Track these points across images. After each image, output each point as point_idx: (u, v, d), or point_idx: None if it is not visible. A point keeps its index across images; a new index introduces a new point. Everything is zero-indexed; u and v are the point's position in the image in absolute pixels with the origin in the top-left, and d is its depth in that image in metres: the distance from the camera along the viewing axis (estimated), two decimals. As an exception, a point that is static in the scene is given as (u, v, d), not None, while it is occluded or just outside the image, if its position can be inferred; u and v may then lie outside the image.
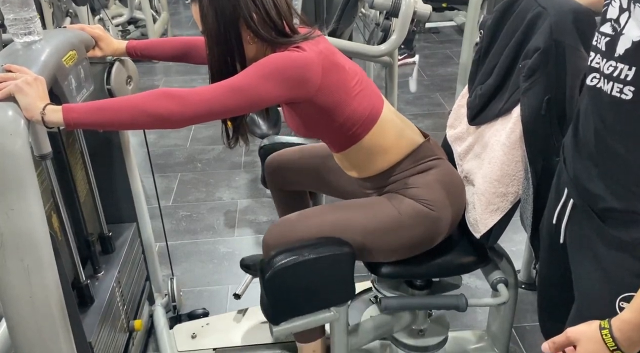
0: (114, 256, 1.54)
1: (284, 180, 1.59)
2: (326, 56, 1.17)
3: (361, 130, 1.24)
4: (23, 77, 0.98)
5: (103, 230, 1.53)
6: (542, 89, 1.14)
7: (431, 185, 1.27)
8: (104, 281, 1.44)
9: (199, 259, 2.28)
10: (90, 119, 1.01)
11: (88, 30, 1.33)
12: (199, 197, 2.72)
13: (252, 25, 1.15)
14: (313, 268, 1.23)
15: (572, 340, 0.84)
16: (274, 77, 1.09)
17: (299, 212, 1.34)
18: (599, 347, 0.80)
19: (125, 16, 4.64)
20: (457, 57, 4.59)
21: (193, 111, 1.04)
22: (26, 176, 0.96)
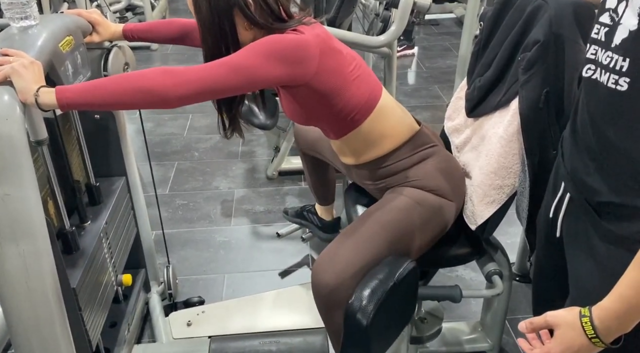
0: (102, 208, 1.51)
1: (306, 145, 1.69)
2: (323, 39, 1.16)
3: (360, 116, 1.24)
4: (19, 60, 0.97)
5: (90, 181, 1.49)
6: (541, 81, 1.14)
7: (432, 173, 1.27)
8: (91, 231, 1.40)
9: (195, 248, 2.28)
10: (84, 98, 1.00)
11: (85, 15, 1.32)
12: (196, 186, 2.72)
13: (248, 13, 1.15)
14: (395, 296, 1.17)
15: (551, 324, 0.84)
16: (272, 55, 1.09)
17: (336, 243, 1.26)
18: (578, 334, 0.80)
19: (122, 3, 4.60)
20: (456, 49, 4.57)
21: (188, 88, 1.02)
22: (22, 161, 0.95)
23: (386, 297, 1.13)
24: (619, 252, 0.87)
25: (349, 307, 1.15)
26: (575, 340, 0.81)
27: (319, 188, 1.85)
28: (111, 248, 1.46)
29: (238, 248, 2.27)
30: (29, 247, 0.99)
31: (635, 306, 0.77)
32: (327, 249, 1.26)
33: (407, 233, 1.26)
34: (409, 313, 1.27)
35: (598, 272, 0.91)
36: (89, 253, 1.31)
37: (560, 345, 0.82)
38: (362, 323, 1.12)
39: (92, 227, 1.40)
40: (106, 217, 1.44)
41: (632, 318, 0.78)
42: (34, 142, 1.07)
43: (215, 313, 1.82)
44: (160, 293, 1.90)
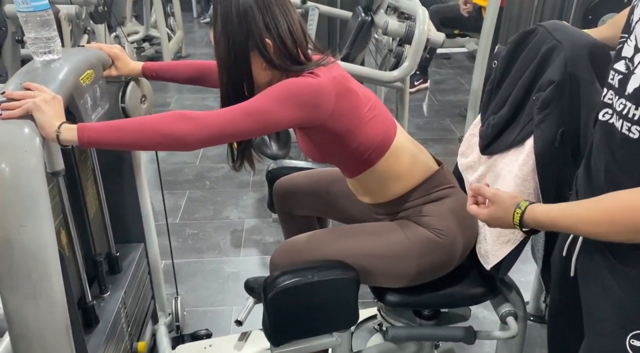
0: (120, 276, 1.53)
1: (292, 204, 1.59)
2: (339, 82, 1.18)
3: (375, 156, 1.24)
4: (41, 96, 0.99)
5: (111, 250, 1.53)
6: (556, 121, 1.13)
7: (444, 215, 1.26)
8: (110, 302, 1.44)
9: (204, 278, 2.26)
10: (104, 138, 1.02)
11: (106, 49, 1.35)
12: (206, 215, 2.72)
13: (266, 55, 1.16)
14: (316, 291, 1.22)
15: (492, 200, 1.01)
16: (288, 101, 1.10)
17: (307, 234, 1.34)
18: (506, 216, 0.97)
19: (140, 34, 4.71)
20: (468, 83, 4.60)
21: (207, 133, 1.05)
22: (39, 193, 0.96)
23: (302, 284, 1.19)
24: (634, 294, 0.86)
25: (267, 279, 1.25)
26: (502, 217, 0.98)
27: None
28: (128, 317, 1.48)
29: (247, 280, 2.25)
30: (41, 279, 0.98)
31: (556, 225, 0.91)
32: (293, 238, 1.36)
33: (379, 257, 1.27)
34: (343, 321, 1.30)
35: (613, 314, 0.90)
36: (108, 325, 1.34)
37: (488, 215, 1.01)
38: (267, 293, 1.21)
39: (112, 297, 1.44)
40: (125, 286, 1.48)
41: (549, 227, 0.94)
42: (50, 173, 1.08)
43: (223, 347, 1.79)
44: (168, 324, 1.88)
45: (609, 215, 0.81)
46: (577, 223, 0.86)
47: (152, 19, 4.76)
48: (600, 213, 0.82)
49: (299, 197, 1.56)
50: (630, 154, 0.83)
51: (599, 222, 0.82)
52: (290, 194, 1.57)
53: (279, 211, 1.63)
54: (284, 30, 1.16)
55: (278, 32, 1.15)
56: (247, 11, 1.13)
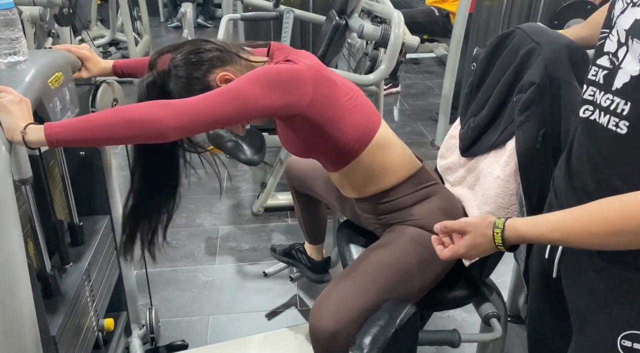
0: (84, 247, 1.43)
1: (299, 183, 1.65)
2: (317, 70, 1.16)
3: (358, 146, 1.22)
4: (8, 97, 0.93)
5: (73, 220, 1.43)
6: (537, 122, 1.14)
7: (434, 213, 1.25)
8: (73, 273, 1.32)
9: (178, 288, 2.20)
10: (74, 134, 0.96)
11: (74, 51, 1.29)
12: (179, 222, 2.65)
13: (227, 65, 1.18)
14: (397, 341, 1.16)
15: (465, 230, 0.96)
16: (267, 84, 1.08)
17: (334, 287, 1.23)
18: (486, 241, 0.93)
19: (107, 38, 4.60)
20: (438, 87, 4.66)
21: (183, 118, 0.99)
22: (6, 203, 0.91)
23: (388, 344, 1.09)
24: (623, 293, 0.85)
25: (351, 348, 1.12)
26: (482, 243, 0.94)
27: (310, 227, 1.81)
28: (93, 291, 1.39)
29: (223, 288, 2.20)
30: (7, 292, 0.92)
31: (545, 239, 0.88)
32: (325, 292, 1.22)
33: (408, 275, 1.23)
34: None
35: (602, 315, 0.89)
36: (70, 297, 1.24)
37: (467, 246, 0.95)
38: None
39: (74, 269, 1.33)
40: (89, 258, 1.37)
41: (536, 242, 0.94)
42: (17, 181, 1.02)
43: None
44: (142, 336, 1.81)
45: (608, 224, 0.78)
46: (569, 237, 0.83)
47: (118, 23, 4.65)
48: (598, 223, 0.79)
49: (305, 178, 1.61)
50: (619, 150, 0.81)
51: (597, 233, 0.79)
52: (299, 174, 1.63)
53: (291, 188, 1.72)
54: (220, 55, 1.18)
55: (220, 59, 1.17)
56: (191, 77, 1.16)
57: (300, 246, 1.93)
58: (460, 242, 0.96)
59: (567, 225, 0.83)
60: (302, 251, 1.91)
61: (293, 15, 2.21)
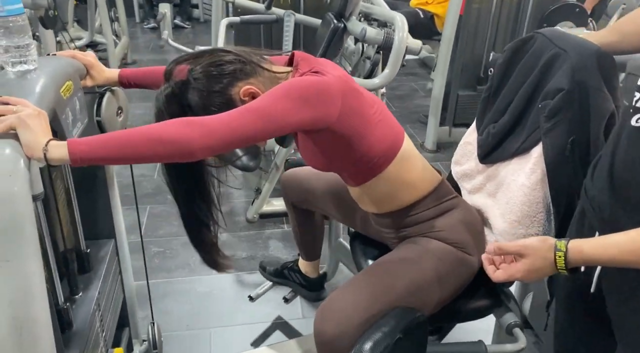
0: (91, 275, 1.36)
1: (297, 197, 1.57)
2: (345, 81, 1.12)
3: (383, 161, 1.19)
4: (26, 111, 0.87)
5: (81, 247, 1.36)
6: (566, 129, 1.12)
7: (455, 226, 1.22)
8: (83, 304, 1.26)
9: (176, 300, 2.13)
10: (99, 152, 0.90)
11: (80, 58, 1.22)
12: (171, 231, 2.58)
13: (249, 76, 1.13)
14: (401, 349, 1.12)
15: (523, 253, 0.91)
16: (296, 99, 1.03)
17: (341, 292, 1.20)
18: (547, 265, 0.88)
19: (85, 39, 4.45)
20: (422, 89, 4.67)
21: (216, 138, 0.95)
22: (25, 223, 0.84)
23: (390, 351, 1.07)
24: None
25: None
26: (542, 268, 0.89)
27: (308, 243, 1.73)
28: (103, 321, 1.32)
29: (222, 300, 2.14)
30: (27, 321, 0.86)
31: (615, 262, 0.83)
32: (334, 295, 1.20)
33: (422, 289, 1.20)
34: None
35: None
36: (83, 331, 1.17)
37: (525, 271, 0.91)
38: None
39: (84, 299, 1.26)
40: (98, 287, 1.30)
41: (603, 264, 0.89)
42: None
43: (207, 374, 1.68)
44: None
45: None
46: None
47: (96, 24, 4.52)
48: None
49: (303, 190, 1.55)
50: None
51: None
52: (296, 185, 1.56)
53: (287, 202, 1.64)
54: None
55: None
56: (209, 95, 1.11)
57: (292, 264, 1.83)
58: (518, 266, 0.92)
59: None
60: (296, 269, 1.81)
61: (294, 19, 2.17)
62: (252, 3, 2.64)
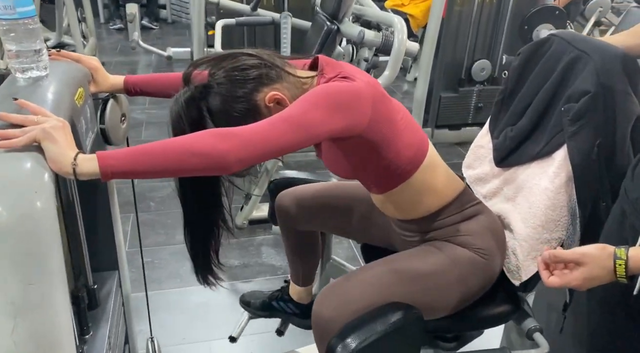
0: (99, 312, 1.29)
1: (297, 219, 1.47)
2: (374, 86, 1.09)
3: (410, 168, 1.16)
4: (49, 122, 0.80)
5: (88, 282, 1.28)
6: (593, 133, 1.12)
7: (483, 233, 1.21)
8: (95, 344, 1.19)
9: (169, 312, 2.05)
10: (131, 166, 0.85)
11: (85, 62, 1.14)
12: (158, 240, 2.49)
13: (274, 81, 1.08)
14: (388, 342, 1.10)
15: (581, 262, 0.88)
16: (329, 107, 1.00)
17: (347, 277, 1.20)
18: (606, 273, 0.86)
19: (52, 40, 4.29)
20: (398, 90, 4.69)
21: (251, 150, 0.91)
22: (51, 243, 0.77)
23: (373, 342, 1.05)
24: None
25: (331, 340, 1.09)
26: (600, 276, 0.87)
27: (307, 267, 1.60)
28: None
29: (218, 310, 2.07)
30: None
31: None
32: (337, 280, 1.21)
33: (431, 289, 1.18)
34: None
35: None
36: None
37: (582, 279, 0.88)
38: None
39: (94, 339, 1.19)
40: (108, 324, 1.23)
41: None
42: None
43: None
44: (143, 371, 1.66)
45: None
46: None
47: (64, 25, 4.35)
48: None
49: (305, 211, 1.45)
50: None
51: None
52: (295, 208, 1.45)
53: (282, 224, 1.52)
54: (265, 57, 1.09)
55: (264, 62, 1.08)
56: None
57: (280, 294, 1.67)
58: (575, 274, 0.89)
59: None
60: (286, 299, 1.65)
61: (291, 20, 2.12)
62: (237, 4, 2.58)
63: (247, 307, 1.70)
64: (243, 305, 1.70)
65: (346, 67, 1.12)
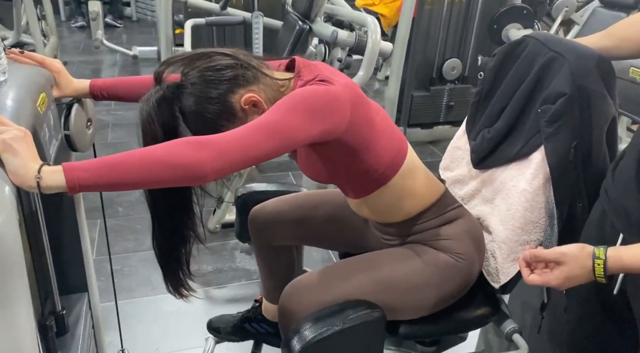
0: (68, 338, 1.23)
1: (273, 235, 1.42)
2: (352, 89, 1.06)
3: (389, 172, 1.14)
4: (9, 132, 0.74)
5: (56, 307, 1.23)
6: (569, 134, 1.12)
7: (462, 237, 1.19)
8: None
9: (141, 321, 1.99)
10: (100, 178, 0.80)
11: (49, 64, 1.08)
12: (127, 247, 2.41)
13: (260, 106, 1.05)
14: (347, 338, 1.09)
15: (560, 261, 0.89)
16: (305, 110, 0.97)
17: (316, 272, 1.19)
18: (585, 272, 0.87)
19: (10, 39, 4.11)
20: (370, 89, 4.69)
21: (227, 160, 0.87)
22: (15, 265, 0.72)
23: (329, 338, 1.05)
24: None
25: (288, 331, 1.10)
26: (579, 275, 0.88)
27: (281, 283, 1.44)
28: None
29: (192, 318, 2.01)
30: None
31: None
32: (305, 274, 1.21)
33: (401, 289, 1.17)
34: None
35: None
36: None
37: (562, 279, 0.89)
38: (292, 348, 1.05)
39: None
40: (78, 351, 1.17)
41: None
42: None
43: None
44: (115, 386, 1.60)
45: None
46: None
47: (22, 23, 4.19)
48: None
49: (281, 226, 1.40)
50: None
51: None
52: (272, 223, 1.40)
53: (256, 242, 1.45)
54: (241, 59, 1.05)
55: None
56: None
57: (252, 314, 1.57)
58: (555, 273, 0.90)
59: None
60: (259, 319, 1.56)
61: (262, 19, 2.07)
62: (206, 3, 2.52)
63: (217, 334, 1.61)
64: (212, 331, 1.61)
65: (323, 69, 1.09)
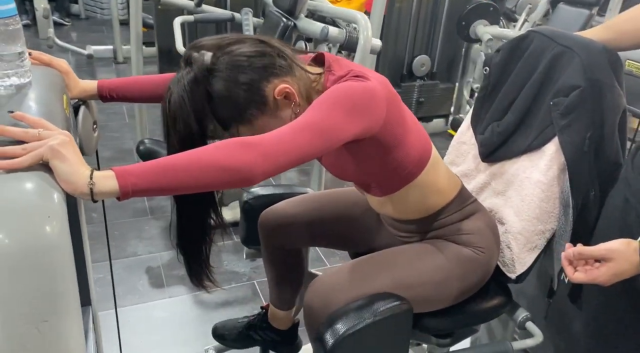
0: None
1: (285, 238, 1.39)
2: (386, 85, 1.06)
3: (416, 169, 1.14)
4: (55, 137, 0.69)
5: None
6: (584, 126, 1.16)
7: (483, 231, 1.21)
8: None
9: (132, 331, 1.91)
10: (153, 183, 0.76)
11: (56, 64, 1.02)
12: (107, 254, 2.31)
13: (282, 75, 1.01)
14: (375, 331, 1.09)
15: (606, 258, 0.89)
16: (346, 108, 0.95)
17: (341, 270, 1.17)
18: (633, 267, 0.87)
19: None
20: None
21: (276, 161, 0.85)
22: (65, 274, 0.68)
23: (363, 327, 1.06)
24: None
25: (320, 326, 1.09)
26: (627, 270, 0.88)
27: (290, 288, 1.49)
28: None
29: (185, 324, 1.96)
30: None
31: None
32: (329, 271, 1.19)
33: (424, 283, 1.17)
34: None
35: None
36: None
37: (610, 275, 0.89)
38: (325, 344, 1.05)
39: None
40: None
41: None
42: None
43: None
44: (116, 399, 1.53)
45: None
46: None
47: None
48: None
49: (294, 228, 1.37)
50: None
51: None
52: (283, 226, 1.37)
53: (268, 246, 1.42)
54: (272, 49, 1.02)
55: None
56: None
57: (258, 321, 1.56)
58: (602, 270, 0.90)
59: None
60: (265, 326, 1.54)
61: (252, 15, 2.03)
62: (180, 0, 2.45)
63: (222, 341, 1.58)
64: (217, 338, 1.58)
65: (351, 64, 1.08)
